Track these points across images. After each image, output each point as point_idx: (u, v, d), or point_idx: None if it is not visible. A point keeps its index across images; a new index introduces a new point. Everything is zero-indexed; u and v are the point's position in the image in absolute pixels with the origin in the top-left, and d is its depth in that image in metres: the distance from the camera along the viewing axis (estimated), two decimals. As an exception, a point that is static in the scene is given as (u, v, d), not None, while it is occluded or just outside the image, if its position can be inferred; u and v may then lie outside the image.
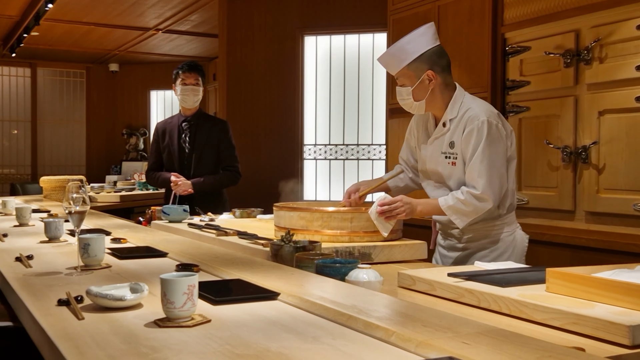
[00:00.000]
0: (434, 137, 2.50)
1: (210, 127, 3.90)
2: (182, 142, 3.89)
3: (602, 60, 3.17)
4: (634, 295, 1.42)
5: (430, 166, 2.52)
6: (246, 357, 1.08)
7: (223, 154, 3.89)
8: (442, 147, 2.46)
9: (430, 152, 2.51)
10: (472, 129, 2.34)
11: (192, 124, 3.88)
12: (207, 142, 3.87)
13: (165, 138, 3.94)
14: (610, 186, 3.14)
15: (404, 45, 2.41)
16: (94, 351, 1.11)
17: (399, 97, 2.49)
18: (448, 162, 2.44)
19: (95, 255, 1.93)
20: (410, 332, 1.16)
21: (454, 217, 2.37)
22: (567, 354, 1.04)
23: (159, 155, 3.97)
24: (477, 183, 2.32)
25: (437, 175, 2.51)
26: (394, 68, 2.45)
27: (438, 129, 2.48)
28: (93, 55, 9.85)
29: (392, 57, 2.44)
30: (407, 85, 2.43)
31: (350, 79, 5.98)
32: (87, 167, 10.40)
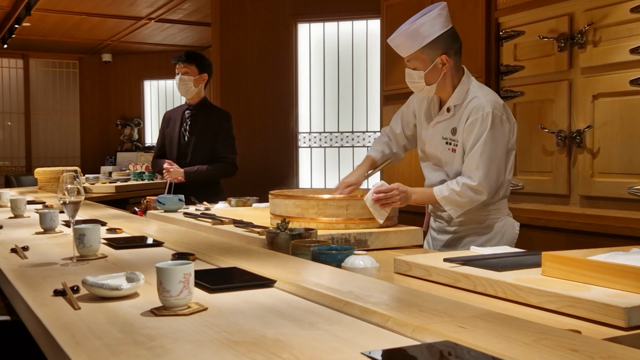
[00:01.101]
0: (436, 121, 2.48)
1: (210, 116, 3.90)
2: (183, 130, 3.89)
3: (596, 43, 3.17)
4: (630, 277, 1.43)
5: (430, 149, 2.52)
6: (243, 344, 1.08)
7: (219, 144, 3.87)
8: (443, 132, 2.45)
9: (431, 135, 2.50)
10: (476, 118, 2.33)
11: (194, 113, 3.89)
12: (205, 131, 3.86)
13: (169, 126, 3.97)
14: (605, 170, 3.15)
15: (419, 28, 2.35)
16: (90, 341, 1.11)
17: (408, 80, 2.45)
18: (448, 149, 2.43)
19: (90, 245, 1.93)
20: (407, 317, 1.17)
21: (447, 207, 2.39)
22: (562, 336, 1.05)
23: (164, 143, 3.99)
24: (474, 175, 2.32)
25: (435, 159, 2.51)
26: (407, 51, 2.39)
27: (442, 114, 2.47)
28: (85, 46, 9.79)
29: (406, 39, 2.37)
30: (420, 69, 2.39)
31: (344, 66, 5.96)
32: (82, 158, 10.38)
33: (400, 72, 4.46)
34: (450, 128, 2.43)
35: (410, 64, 2.41)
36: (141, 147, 10.37)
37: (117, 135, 10.55)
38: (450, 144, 2.43)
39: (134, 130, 10.49)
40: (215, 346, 1.07)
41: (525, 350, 0.97)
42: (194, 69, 3.85)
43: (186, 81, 3.83)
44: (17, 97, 10.15)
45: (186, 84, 3.83)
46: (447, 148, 2.44)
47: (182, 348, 1.06)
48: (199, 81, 3.87)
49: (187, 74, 3.83)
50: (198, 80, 3.86)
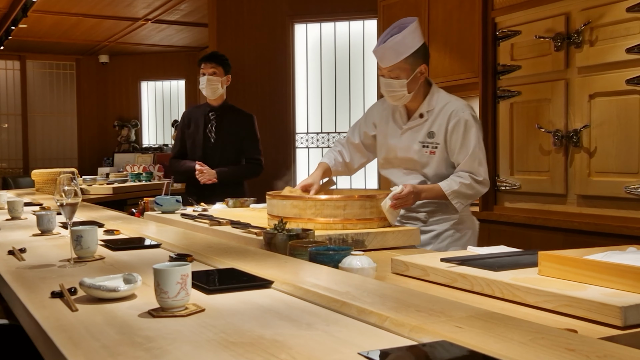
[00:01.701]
0: (407, 128, 2.65)
1: (236, 118, 3.92)
2: (208, 132, 3.91)
3: (593, 43, 3.17)
4: (626, 276, 1.43)
5: (404, 155, 2.67)
6: (240, 344, 1.08)
7: (247, 146, 3.92)
8: (419, 137, 2.62)
9: (404, 142, 2.66)
10: (458, 121, 2.53)
11: (219, 114, 3.91)
12: (232, 134, 3.89)
13: (190, 126, 3.96)
14: (602, 169, 3.15)
15: (404, 39, 2.49)
16: (88, 342, 1.11)
17: (388, 89, 2.57)
18: (426, 151, 2.61)
19: (88, 247, 1.93)
20: (404, 317, 1.17)
21: (455, 200, 2.54)
22: (559, 335, 1.05)
23: (184, 144, 4.00)
24: (478, 170, 2.54)
25: (410, 163, 2.67)
26: (391, 60, 2.51)
27: (414, 120, 2.63)
28: (83, 47, 9.79)
29: (390, 50, 2.50)
30: (403, 77, 2.53)
31: (341, 66, 5.97)
32: (79, 160, 10.36)
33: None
34: (427, 132, 2.61)
35: (392, 73, 2.53)
36: (139, 148, 10.36)
37: (115, 136, 10.54)
38: (428, 147, 2.61)
39: (131, 132, 10.48)
40: (213, 347, 1.07)
41: (522, 349, 0.98)
42: (221, 70, 3.87)
43: (214, 82, 3.84)
44: (14, 98, 10.13)
45: (214, 84, 3.84)
46: (425, 151, 2.61)
47: (180, 349, 1.06)
48: (224, 82, 3.90)
49: (215, 74, 3.84)
50: (224, 81, 3.89)
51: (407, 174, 2.67)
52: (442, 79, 4.24)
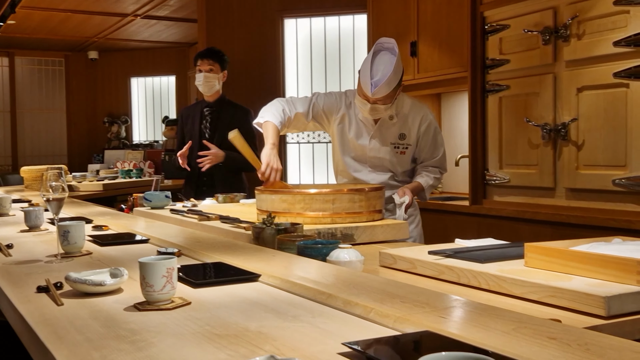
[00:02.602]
0: (378, 130, 2.82)
1: (233, 113, 3.90)
2: (203, 128, 3.89)
3: (580, 36, 3.18)
4: (610, 267, 1.44)
5: (375, 155, 2.84)
6: (225, 337, 1.09)
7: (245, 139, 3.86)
8: (390, 138, 2.83)
9: (376, 143, 2.83)
10: (429, 124, 2.84)
11: (214, 109, 3.89)
12: (227, 128, 3.84)
13: (187, 123, 3.96)
14: (590, 162, 3.17)
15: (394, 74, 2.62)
16: (72, 335, 1.11)
17: (372, 112, 2.72)
18: (397, 152, 2.84)
19: (75, 242, 1.92)
20: (389, 309, 1.17)
21: (428, 192, 2.88)
22: (541, 324, 1.06)
23: (183, 141, 3.97)
24: (445, 165, 2.93)
25: (378, 161, 2.85)
26: (384, 92, 2.63)
27: (384, 122, 2.81)
28: (71, 43, 9.73)
29: (387, 83, 2.61)
30: (388, 103, 2.70)
31: (331, 61, 5.96)
32: (69, 157, 10.32)
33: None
34: (398, 134, 2.83)
35: (380, 101, 2.66)
36: (129, 144, 10.32)
37: (105, 133, 10.50)
38: (399, 147, 2.84)
39: (121, 128, 10.43)
40: (197, 339, 1.08)
41: (504, 338, 0.98)
42: (218, 67, 3.85)
43: (211, 78, 3.82)
44: (3, 95, 10.07)
45: (211, 81, 3.82)
46: (396, 152, 2.84)
47: (164, 341, 1.07)
48: (221, 78, 3.87)
49: (212, 71, 3.82)
50: (221, 77, 3.87)
51: (371, 172, 2.87)
52: (432, 73, 4.24)
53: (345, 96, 2.91)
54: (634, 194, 2.97)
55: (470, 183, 3.85)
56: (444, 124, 4.79)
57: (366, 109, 2.73)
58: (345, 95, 2.92)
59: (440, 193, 4.73)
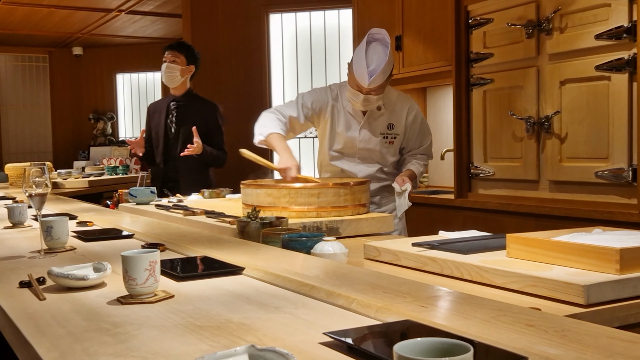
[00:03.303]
0: (367, 121, 2.84)
1: (199, 108, 3.86)
2: (169, 122, 3.85)
3: (563, 30, 3.20)
4: (590, 256, 1.46)
5: (365, 146, 2.86)
6: (208, 328, 1.09)
7: (212, 136, 3.84)
8: (380, 128, 2.86)
9: (365, 134, 2.85)
10: (415, 114, 2.90)
11: (180, 104, 3.86)
12: (194, 123, 3.80)
13: (154, 118, 3.93)
14: (573, 155, 3.19)
15: (389, 63, 2.67)
16: (54, 329, 1.11)
17: (365, 102, 2.74)
18: (386, 142, 2.87)
19: (58, 237, 1.92)
20: (371, 299, 1.18)
21: (418, 180, 2.94)
22: (520, 312, 1.07)
23: (150, 136, 3.94)
24: (431, 152, 2.98)
25: (367, 152, 2.87)
26: (379, 82, 2.67)
27: (372, 113, 2.84)
28: (55, 39, 9.65)
29: (383, 73, 2.66)
30: (380, 93, 2.74)
31: (316, 56, 5.96)
32: (54, 154, 10.24)
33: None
34: (386, 124, 2.86)
35: (374, 91, 2.71)
36: (115, 141, 10.26)
37: (90, 129, 10.43)
38: (388, 137, 2.87)
39: (107, 125, 10.37)
40: (179, 331, 1.08)
41: (483, 326, 0.99)
42: (183, 59, 3.81)
43: (173, 69, 3.78)
44: (-13, 92, 9.98)
45: (172, 72, 3.79)
46: (385, 142, 2.87)
47: (147, 334, 1.07)
48: (185, 72, 3.83)
49: (175, 62, 3.79)
50: (185, 70, 3.83)
51: (361, 163, 2.89)
52: (416, 67, 4.26)
53: (330, 90, 2.92)
54: (615, 186, 3.00)
55: (455, 176, 3.87)
56: (430, 118, 4.80)
57: (359, 100, 2.74)
58: (330, 89, 2.93)
59: (426, 187, 4.75)
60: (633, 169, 2.90)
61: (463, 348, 0.68)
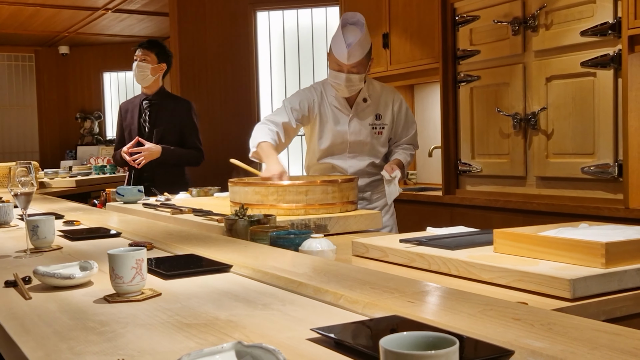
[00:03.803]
0: (355, 113, 2.87)
1: (173, 106, 3.83)
2: (142, 122, 3.81)
3: (548, 27, 3.22)
4: (576, 250, 1.47)
5: (355, 138, 2.87)
6: (195, 326, 1.09)
7: (186, 134, 3.81)
8: (368, 120, 2.88)
9: (355, 127, 2.87)
10: (400, 103, 2.93)
11: (153, 102, 3.81)
12: (168, 122, 3.77)
13: (127, 117, 3.88)
14: (559, 151, 3.21)
15: (365, 37, 2.73)
16: (40, 328, 1.10)
17: (348, 83, 2.75)
18: (375, 132, 2.89)
19: (45, 237, 1.91)
20: (358, 295, 1.18)
21: (406, 170, 2.92)
22: (507, 306, 1.08)
23: (123, 135, 3.90)
24: (417, 142, 3.01)
25: (358, 145, 2.88)
26: (357, 57, 2.71)
27: (359, 105, 2.87)
28: (41, 38, 9.58)
29: (358, 47, 2.70)
30: (362, 72, 2.77)
31: (304, 54, 5.96)
32: (41, 153, 10.17)
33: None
34: (374, 114, 2.89)
35: (354, 68, 2.73)
36: (102, 140, 10.21)
37: (77, 129, 10.36)
38: (376, 128, 2.89)
39: (94, 124, 10.31)
40: (166, 329, 1.08)
41: (470, 320, 1.00)
42: (153, 57, 3.78)
43: (143, 68, 3.75)
44: (-28, 92, 9.89)
45: (143, 71, 3.75)
46: (374, 132, 2.89)
47: (133, 332, 1.06)
48: (157, 70, 3.79)
49: (145, 61, 3.76)
50: (156, 69, 3.79)
51: (351, 158, 2.89)
52: (403, 65, 4.26)
53: (314, 88, 2.94)
54: (601, 181, 3.02)
55: (443, 173, 3.88)
56: (417, 115, 4.81)
57: (341, 82, 2.74)
58: (314, 88, 2.94)
59: (415, 184, 4.76)
60: (618, 164, 2.93)
61: (449, 341, 0.69)
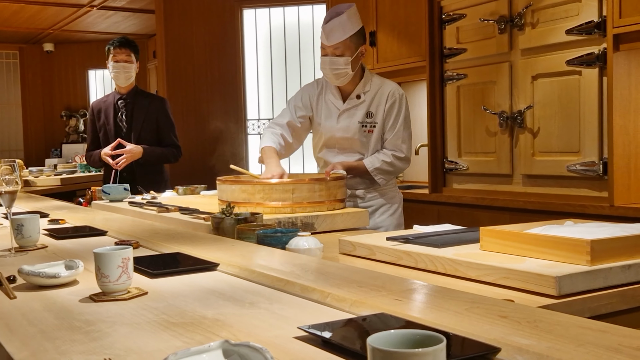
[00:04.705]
0: (345, 109, 2.78)
1: (149, 104, 3.80)
2: (119, 121, 3.77)
3: (534, 25, 3.24)
4: (561, 248, 1.48)
5: (343, 135, 2.79)
6: (181, 324, 1.08)
7: (163, 132, 3.79)
8: (358, 117, 2.77)
9: (343, 123, 2.78)
10: (394, 101, 2.75)
11: (129, 101, 3.77)
12: (145, 120, 3.75)
13: (100, 117, 3.82)
14: (545, 149, 3.23)
15: (348, 19, 2.66)
16: (24, 328, 1.09)
17: (332, 67, 2.68)
18: (365, 130, 2.78)
19: (29, 236, 1.89)
20: (345, 293, 1.18)
21: (378, 177, 2.75)
22: (493, 304, 1.08)
23: (97, 135, 3.85)
24: (402, 148, 2.77)
25: (347, 143, 2.80)
26: (338, 37, 2.65)
27: (351, 101, 2.78)
28: (26, 35, 9.49)
29: (338, 27, 2.65)
30: (347, 55, 2.67)
31: (291, 51, 5.95)
32: (26, 152, 10.08)
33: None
34: (365, 112, 2.77)
35: (337, 51, 2.66)
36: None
37: (62, 126, 10.28)
38: (367, 126, 2.78)
39: (79, 122, 10.23)
40: (153, 328, 1.07)
41: (457, 318, 1.00)
42: (133, 57, 3.76)
43: (128, 69, 3.72)
44: (-45, 89, 9.78)
45: (128, 72, 3.72)
46: (363, 130, 2.77)
47: (119, 331, 1.06)
48: (135, 69, 3.78)
49: (129, 61, 3.73)
50: (135, 68, 3.77)
51: (339, 154, 2.82)
52: (391, 63, 4.27)
53: (317, 82, 2.90)
54: (587, 179, 3.05)
55: (429, 171, 3.89)
56: (404, 113, 4.82)
57: (326, 66, 2.68)
58: (317, 82, 2.90)
59: (401, 182, 4.77)
60: (603, 162, 2.95)
61: (435, 339, 0.69)
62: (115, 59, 3.69)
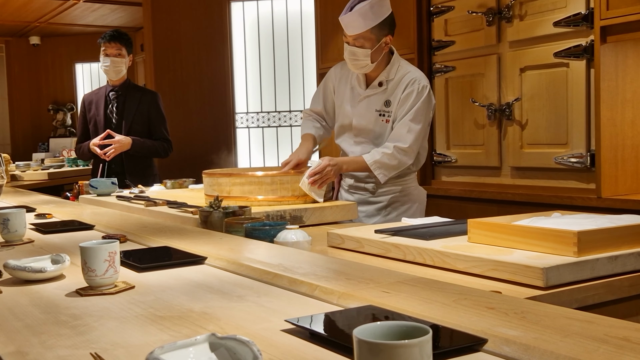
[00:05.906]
0: (365, 95, 2.61)
1: (140, 97, 3.78)
2: (109, 113, 3.75)
3: (522, 17, 3.24)
4: (548, 239, 1.48)
5: (360, 122, 2.62)
6: (169, 318, 1.08)
7: (154, 125, 3.78)
8: (376, 105, 2.59)
9: (361, 109, 2.61)
10: (412, 90, 2.52)
11: (120, 94, 3.75)
12: (136, 113, 3.73)
13: (91, 109, 3.81)
14: (533, 141, 3.24)
15: (370, 9, 2.46)
16: (10, 323, 1.08)
17: (351, 57, 2.52)
18: (382, 120, 2.58)
19: (15, 230, 1.87)
20: (334, 285, 1.18)
21: (377, 171, 2.52)
22: (481, 295, 1.08)
23: (87, 128, 3.83)
24: (405, 138, 2.50)
25: (364, 132, 2.62)
26: (356, 29, 2.48)
27: (372, 88, 2.60)
28: (12, 28, 9.40)
29: (358, 19, 2.46)
30: (367, 47, 2.49)
31: (279, 45, 5.93)
32: (12, 146, 10.00)
33: (335, 49, 4.46)
34: (384, 101, 2.58)
35: (357, 42, 2.49)
36: (75, 132, 10.07)
37: (50, 120, 10.20)
38: (384, 115, 2.58)
39: (67, 116, 10.16)
40: (140, 322, 1.06)
41: (444, 310, 1.00)
42: (125, 51, 3.73)
43: (119, 64, 3.70)
44: (-60, 83, 9.68)
45: (119, 66, 3.70)
46: (380, 120, 2.58)
47: (106, 325, 1.05)
48: (128, 63, 3.75)
49: (120, 55, 3.70)
50: (128, 62, 3.75)
51: (357, 144, 2.64)
52: (379, 55, 4.26)
53: (344, 63, 2.69)
54: (574, 171, 3.06)
55: (418, 164, 3.89)
56: (393, 106, 4.82)
57: (346, 54, 2.53)
58: (344, 63, 2.69)
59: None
60: (591, 154, 2.96)
61: (422, 331, 0.69)
62: (105, 53, 3.68)
